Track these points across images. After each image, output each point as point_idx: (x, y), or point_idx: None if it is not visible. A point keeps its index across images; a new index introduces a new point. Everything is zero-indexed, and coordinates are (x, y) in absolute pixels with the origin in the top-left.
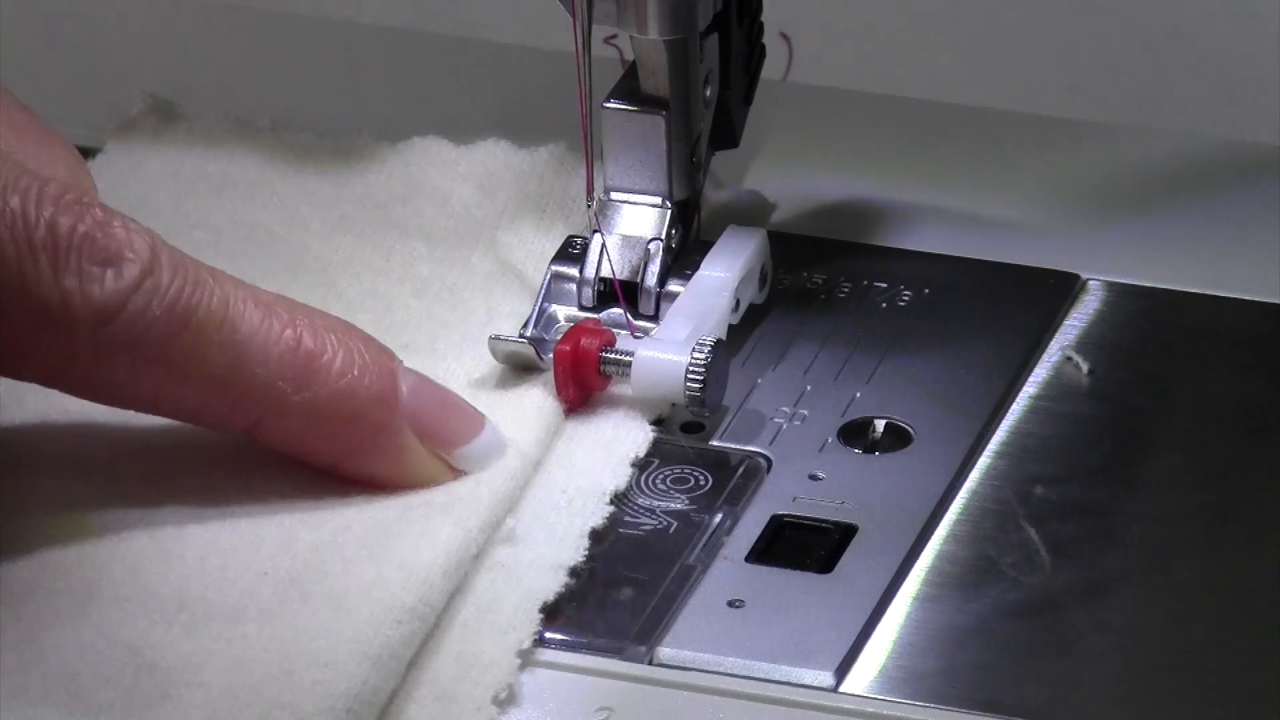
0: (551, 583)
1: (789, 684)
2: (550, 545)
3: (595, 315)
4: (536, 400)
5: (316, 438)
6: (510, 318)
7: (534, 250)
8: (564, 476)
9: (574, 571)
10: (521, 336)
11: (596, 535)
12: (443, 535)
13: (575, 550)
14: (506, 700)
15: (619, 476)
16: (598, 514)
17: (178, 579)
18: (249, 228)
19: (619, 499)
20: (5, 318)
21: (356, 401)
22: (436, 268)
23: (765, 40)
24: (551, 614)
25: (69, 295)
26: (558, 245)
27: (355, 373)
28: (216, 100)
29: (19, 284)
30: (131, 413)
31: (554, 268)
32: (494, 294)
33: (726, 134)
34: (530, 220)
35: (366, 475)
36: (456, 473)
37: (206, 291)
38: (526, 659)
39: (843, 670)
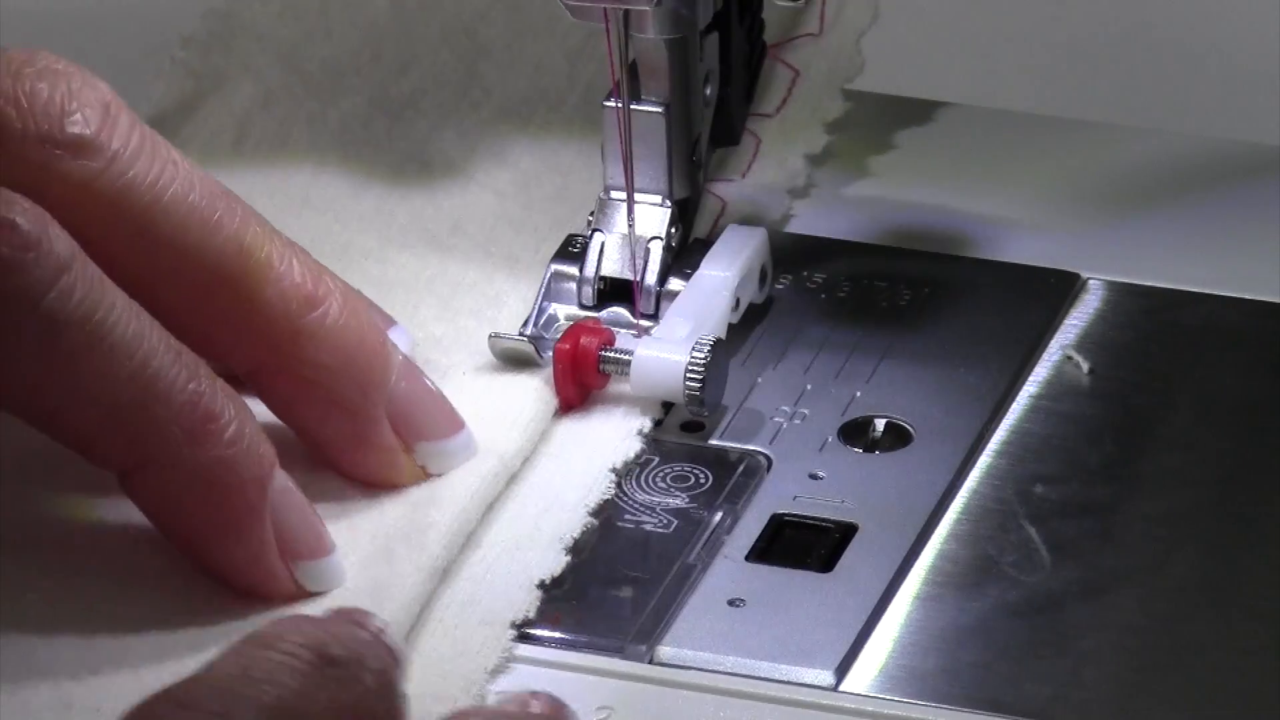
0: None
1: (789, 683)
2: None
3: (595, 314)
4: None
5: (311, 401)
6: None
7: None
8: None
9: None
10: (521, 335)
11: (596, 534)
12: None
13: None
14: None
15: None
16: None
17: None
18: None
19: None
20: None
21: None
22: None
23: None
24: (550, 613)
25: None
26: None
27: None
28: None
29: None
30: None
31: (554, 266)
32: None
33: (727, 131)
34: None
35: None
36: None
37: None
38: (526, 659)
39: (843, 669)
